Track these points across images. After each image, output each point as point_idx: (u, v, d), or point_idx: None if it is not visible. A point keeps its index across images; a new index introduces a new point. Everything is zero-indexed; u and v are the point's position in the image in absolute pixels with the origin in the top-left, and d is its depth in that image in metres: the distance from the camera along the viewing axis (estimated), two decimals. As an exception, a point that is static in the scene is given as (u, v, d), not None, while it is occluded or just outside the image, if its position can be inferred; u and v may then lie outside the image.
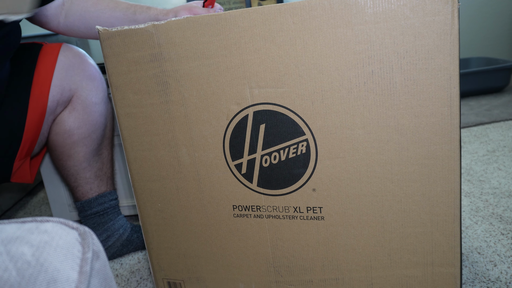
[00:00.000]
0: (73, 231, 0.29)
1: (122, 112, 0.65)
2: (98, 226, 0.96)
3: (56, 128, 0.89)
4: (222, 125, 0.61)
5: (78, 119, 0.89)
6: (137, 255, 0.99)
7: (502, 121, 1.61)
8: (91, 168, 0.94)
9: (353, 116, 0.56)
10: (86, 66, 0.88)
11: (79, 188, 0.94)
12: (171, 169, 0.66)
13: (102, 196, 0.96)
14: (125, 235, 0.98)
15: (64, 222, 0.30)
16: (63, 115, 0.88)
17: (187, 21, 0.58)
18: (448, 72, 0.51)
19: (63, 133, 0.89)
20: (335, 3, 0.52)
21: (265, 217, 0.64)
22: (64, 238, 0.28)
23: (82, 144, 0.91)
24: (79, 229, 0.29)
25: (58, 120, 0.88)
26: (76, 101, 0.88)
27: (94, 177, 0.95)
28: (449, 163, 0.54)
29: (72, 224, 0.30)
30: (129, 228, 1.00)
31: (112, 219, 0.97)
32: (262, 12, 0.55)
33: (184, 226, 0.68)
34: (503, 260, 0.80)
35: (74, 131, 0.89)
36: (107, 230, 0.96)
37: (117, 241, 0.97)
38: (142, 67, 0.62)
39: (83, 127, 0.90)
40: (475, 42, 2.42)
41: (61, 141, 0.89)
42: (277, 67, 0.56)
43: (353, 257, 0.62)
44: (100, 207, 0.96)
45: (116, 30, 0.61)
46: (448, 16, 0.50)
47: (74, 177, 0.93)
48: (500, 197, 1.04)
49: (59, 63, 0.84)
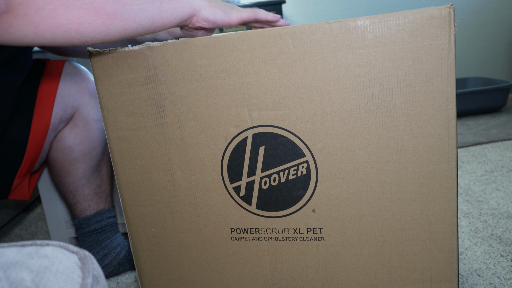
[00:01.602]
0: (73, 256, 0.29)
1: (114, 135, 0.64)
2: (95, 244, 0.96)
3: (57, 145, 0.89)
4: (220, 148, 0.61)
5: (79, 135, 0.89)
6: (133, 274, 0.98)
7: (500, 141, 1.62)
8: (90, 185, 0.93)
9: (353, 138, 0.56)
10: (88, 83, 0.89)
11: (77, 205, 0.94)
12: (166, 193, 0.65)
13: (100, 213, 0.95)
14: (122, 253, 0.97)
15: (64, 246, 0.30)
16: (64, 131, 0.88)
17: (184, 43, 0.58)
18: (445, 94, 0.53)
19: (63, 149, 0.89)
20: (335, 27, 0.53)
21: (264, 239, 0.64)
22: (64, 263, 0.28)
23: (82, 161, 0.91)
24: (79, 253, 0.29)
25: (59, 137, 0.88)
26: (78, 118, 0.89)
27: (93, 194, 0.94)
28: (447, 182, 0.55)
29: (72, 248, 0.30)
30: (126, 246, 0.99)
31: (110, 237, 0.97)
32: (262, 35, 0.55)
33: (179, 251, 0.68)
34: (503, 283, 0.79)
35: (75, 147, 0.89)
36: (104, 249, 0.96)
37: (114, 260, 0.96)
38: (136, 89, 0.61)
39: (84, 144, 0.90)
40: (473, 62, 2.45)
41: (61, 157, 0.89)
42: (277, 89, 0.57)
43: (354, 276, 0.62)
44: (98, 225, 0.95)
45: (109, 51, 0.60)
46: (446, 41, 0.51)
47: (72, 193, 0.93)
48: (499, 218, 1.04)
49: (63, 80, 0.85)
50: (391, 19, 0.51)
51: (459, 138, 1.69)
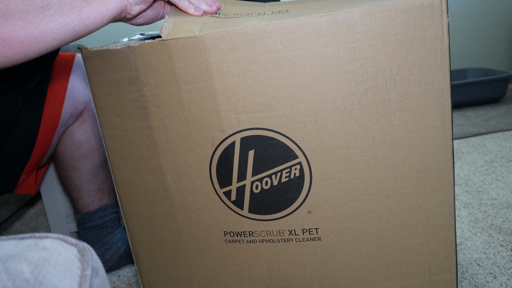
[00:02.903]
0: (72, 248, 0.29)
1: (107, 133, 0.63)
2: (97, 239, 0.95)
3: (66, 140, 0.88)
4: (207, 153, 0.59)
5: (88, 131, 0.89)
6: (134, 267, 0.98)
7: (499, 131, 1.61)
8: (95, 181, 0.93)
9: (347, 136, 0.55)
10: None
11: (81, 200, 0.94)
12: (157, 194, 0.63)
13: (103, 209, 0.95)
14: (122, 248, 0.97)
15: (63, 238, 0.29)
16: (73, 127, 0.88)
17: (161, 44, 0.54)
18: (440, 85, 0.51)
19: (72, 145, 0.88)
20: (324, 21, 0.51)
21: (258, 242, 0.62)
22: (63, 255, 0.28)
23: (90, 157, 0.90)
24: (78, 246, 0.29)
25: (68, 132, 0.88)
26: (87, 114, 0.88)
27: (97, 190, 0.94)
28: (443, 174, 0.55)
29: (71, 240, 0.30)
30: (127, 241, 0.98)
31: (111, 233, 0.97)
32: (245, 32, 0.52)
33: (175, 250, 0.66)
34: (503, 272, 0.79)
35: (84, 143, 0.89)
36: (105, 244, 0.96)
37: (115, 254, 0.96)
38: (122, 90, 0.59)
39: (92, 140, 0.90)
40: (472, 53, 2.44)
41: (69, 152, 0.89)
42: (265, 90, 0.54)
43: (352, 273, 0.61)
44: (100, 220, 0.95)
45: (96, 50, 0.57)
46: (438, 31, 0.49)
47: (77, 188, 0.93)
48: (499, 208, 1.03)
49: (73, 75, 0.84)
50: (382, 10, 0.50)
51: (459, 129, 1.67)
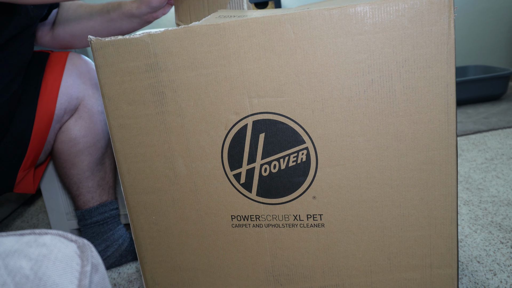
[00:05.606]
0: (72, 244, 0.29)
1: (115, 123, 0.64)
2: (97, 235, 0.96)
3: (62, 136, 0.89)
4: (220, 135, 0.61)
5: (84, 127, 0.89)
6: (135, 264, 0.99)
7: (500, 129, 1.62)
8: (94, 177, 0.94)
9: (353, 124, 0.56)
10: (93, 75, 0.89)
11: (81, 196, 0.94)
12: (166, 180, 0.65)
13: (103, 205, 0.96)
14: (124, 245, 0.98)
15: (62, 234, 0.29)
16: (69, 123, 0.88)
17: (185, 31, 0.58)
18: (445, 80, 0.53)
19: (68, 141, 0.89)
20: (335, 13, 0.53)
21: (264, 226, 0.64)
22: (63, 251, 0.28)
23: (87, 153, 0.91)
24: (78, 242, 0.29)
25: (64, 128, 0.88)
26: (83, 110, 0.89)
27: (96, 186, 0.95)
28: (447, 167, 0.56)
29: (71, 236, 0.30)
30: (128, 238, 0.99)
31: (112, 229, 0.97)
32: (261, 22, 0.55)
33: (180, 238, 0.68)
34: (503, 269, 0.80)
35: (80, 139, 0.89)
36: (106, 240, 0.96)
37: (116, 252, 0.97)
38: (137, 77, 0.61)
39: (89, 136, 0.90)
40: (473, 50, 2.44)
41: (66, 149, 0.90)
42: (277, 76, 0.57)
43: (354, 263, 0.62)
44: (101, 217, 0.96)
45: (110, 40, 0.60)
46: (445, 26, 0.51)
47: (76, 185, 0.93)
48: (499, 205, 1.04)
49: (67, 71, 0.85)
50: (390, 5, 0.51)
51: (459, 126, 1.69)
